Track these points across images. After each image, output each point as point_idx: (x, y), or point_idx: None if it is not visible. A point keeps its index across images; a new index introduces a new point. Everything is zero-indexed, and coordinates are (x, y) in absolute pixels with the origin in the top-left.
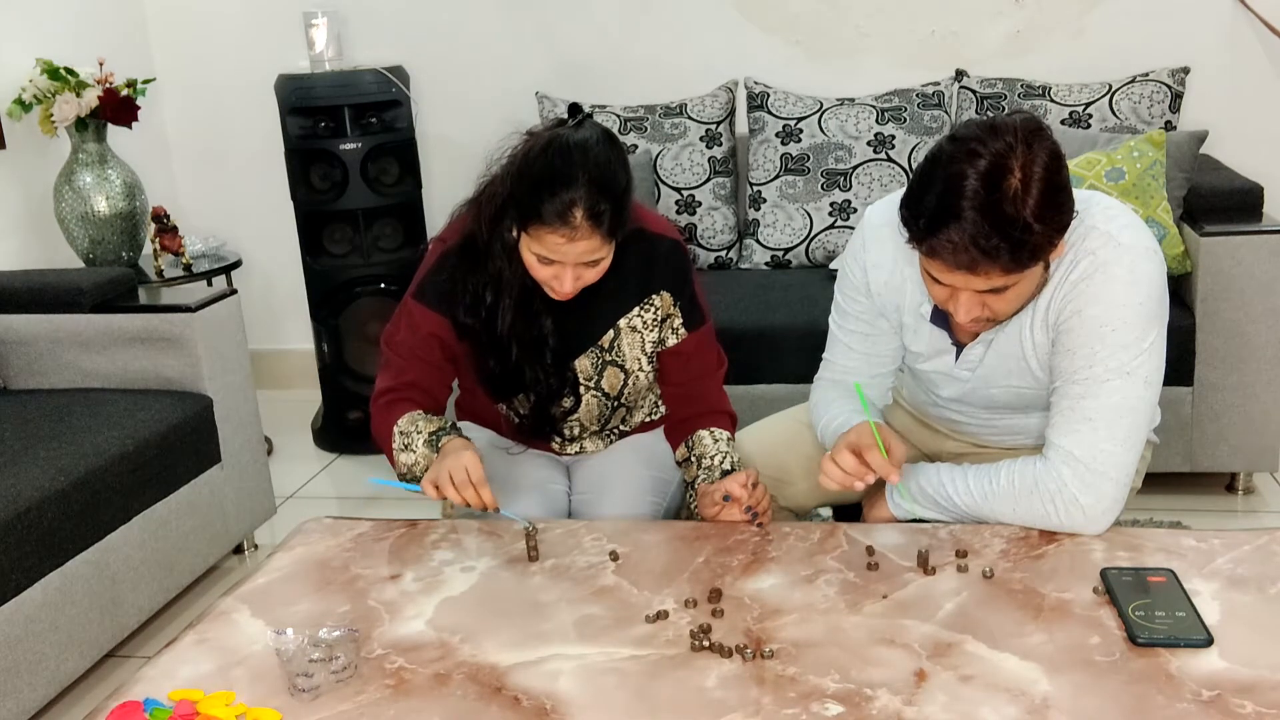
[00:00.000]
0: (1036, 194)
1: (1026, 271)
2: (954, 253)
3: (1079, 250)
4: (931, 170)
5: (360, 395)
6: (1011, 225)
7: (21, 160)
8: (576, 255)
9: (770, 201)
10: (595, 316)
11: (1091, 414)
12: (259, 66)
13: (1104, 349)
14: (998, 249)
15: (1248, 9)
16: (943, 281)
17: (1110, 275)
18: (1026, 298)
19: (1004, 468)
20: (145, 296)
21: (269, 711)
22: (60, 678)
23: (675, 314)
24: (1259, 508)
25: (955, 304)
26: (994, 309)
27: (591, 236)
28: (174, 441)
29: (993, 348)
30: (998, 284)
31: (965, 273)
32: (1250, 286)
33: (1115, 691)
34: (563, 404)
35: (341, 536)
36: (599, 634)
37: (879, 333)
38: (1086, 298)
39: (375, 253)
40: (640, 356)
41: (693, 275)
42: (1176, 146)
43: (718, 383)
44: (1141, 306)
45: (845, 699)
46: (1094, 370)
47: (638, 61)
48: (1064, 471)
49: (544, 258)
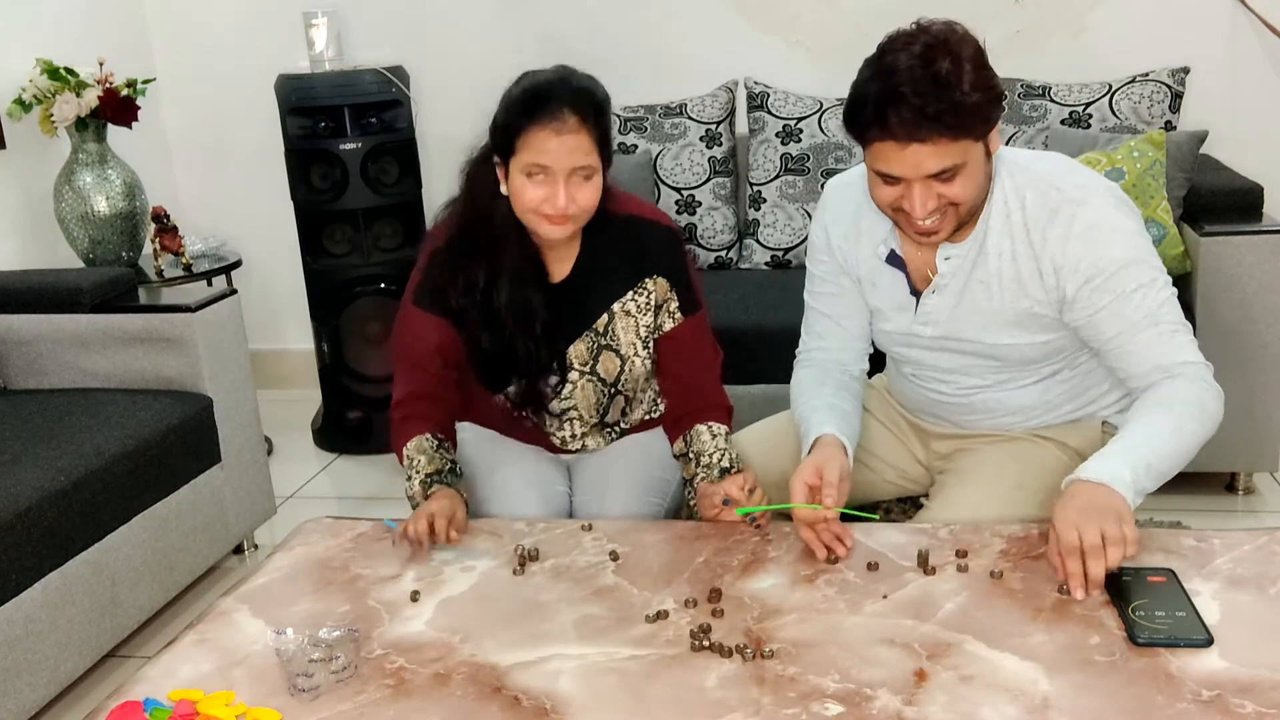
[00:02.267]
0: (970, 70)
1: (971, 149)
2: (901, 125)
3: (1052, 200)
4: (867, 70)
5: (361, 395)
6: (950, 90)
7: (21, 160)
8: (569, 155)
9: (770, 201)
10: (588, 300)
11: (1175, 326)
12: (259, 66)
13: (1144, 274)
14: (940, 114)
15: (1248, 9)
16: (894, 174)
17: (1110, 215)
18: (976, 191)
19: (1153, 414)
20: (145, 296)
21: (269, 711)
22: (60, 678)
23: (671, 298)
24: (1259, 508)
25: (910, 199)
26: (948, 195)
27: (579, 133)
28: (174, 441)
29: (963, 298)
30: (946, 161)
31: (916, 144)
32: (1250, 286)
33: (1115, 691)
34: (549, 379)
35: (341, 536)
36: (599, 634)
37: (844, 291)
38: (1104, 244)
39: (375, 253)
40: (635, 341)
41: (688, 263)
42: (1176, 146)
43: (715, 376)
44: (1140, 225)
45: (845, 699)
46: (1148, 298)
47: (637, 61)
48: (1196, 372)
49: (536, 170)
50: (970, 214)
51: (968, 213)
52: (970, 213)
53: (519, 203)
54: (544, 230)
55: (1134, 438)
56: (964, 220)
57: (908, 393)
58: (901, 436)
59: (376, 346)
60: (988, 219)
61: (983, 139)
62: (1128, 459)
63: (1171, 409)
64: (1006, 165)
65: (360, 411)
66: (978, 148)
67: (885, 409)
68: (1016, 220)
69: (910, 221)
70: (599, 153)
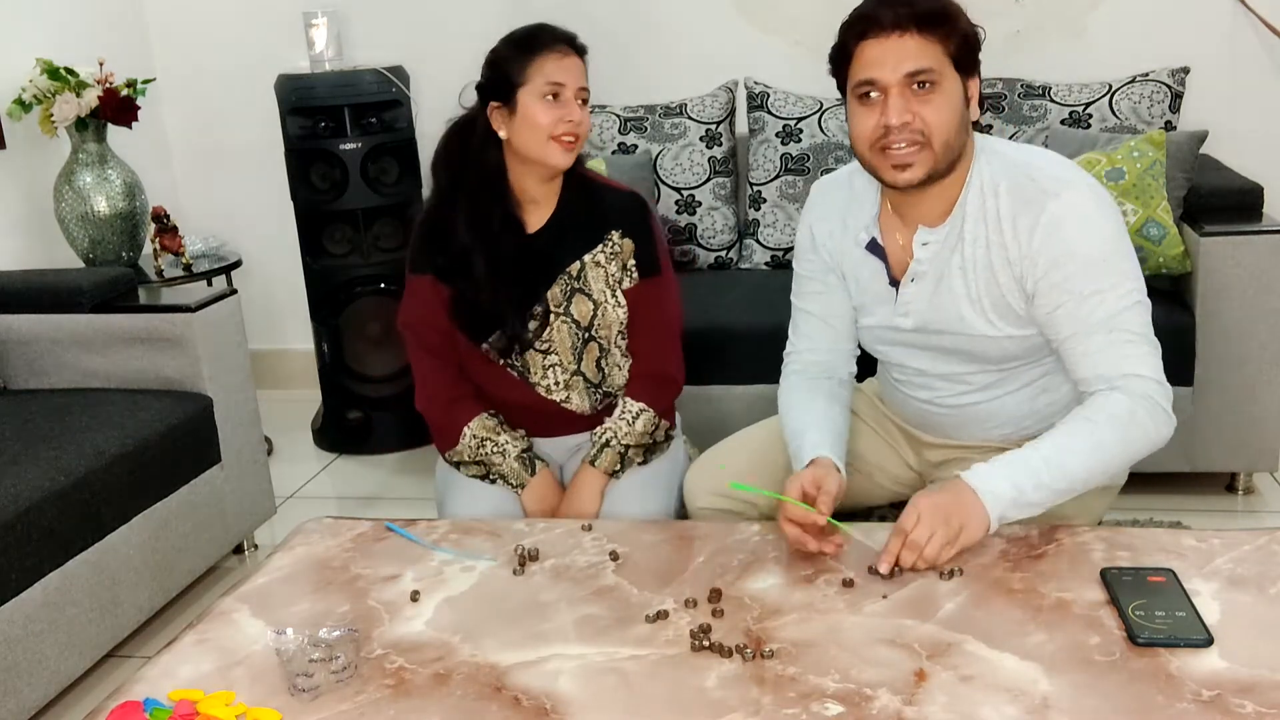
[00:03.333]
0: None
1: (949, 71)
2: (889, 15)
3: (1026, 190)
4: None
5: (361, 395)
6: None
7: (21, 160)
8: (575, 75)
9: (770, 201)
10: (561, 249)
11: (1130, 336)
12: (259, 66)
13: (1108, 278)
14: (926, 9)
15: (1248, 9)
16: (873, 78)
17: (1083, 212)
18: (951, 129)
19: (1075, 424)
20: (145, 296)
21: (269, 711)
22: (60, 678)
23: (633, 259)
24: (1259, 508)
25: (887, 111)
26: (923, 115)
27: (579, 59)
28: (174, 441)
29: (940, 286)
30: (924, 62)
31: (898, 34)
32: (1250, 286)
33: (1115, 691)
34: (529, 323)
35: (341, 536)
36: (599, 634)
37: (831, 289)
38: (1068, 240)
39: (375, 253)
40: (605, 289)
41: (654, 228)
42: (1176, 146)
43: (669, 343)
44: (1120, 229)
45: (845, 699)
46: (1107, 303)
47: (638, 61)
48: (1142, 388)
49: (552, 89)
50: (945, 161)
51: (943, 154)
52: (945, 158)
53: (535, 129)
54: (555, 156)
55: (1039, 452)
56: (938, 168)
57: (899, 403)
58: (892, 442)
59: (376, 346)
60: (964, 204)
61: (961, 75)
62: (1016, 476)
63: (1095, 426)
64: (987, 153)
65: (360, 411)
66: (956, 79)
67: (875, 414)
68: (990, 207)
69: (886, 154)
70: (586, 88)
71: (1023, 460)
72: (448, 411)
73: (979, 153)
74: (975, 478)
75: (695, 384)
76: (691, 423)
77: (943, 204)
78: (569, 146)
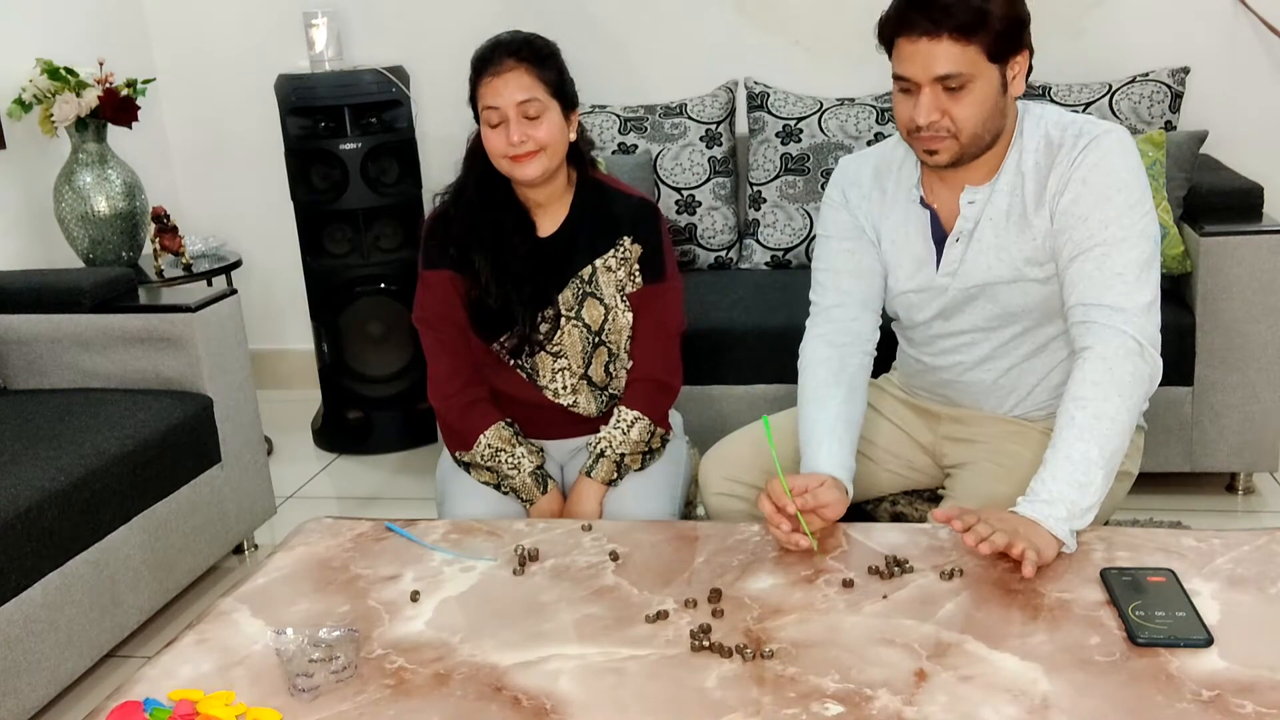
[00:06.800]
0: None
1: (983, 66)
2: (921, 19)
3: (1067, 135)
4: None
5: (361, 395)
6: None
7: (21, 160)
8: (510, 93)
9: (770, 201)
10: (574, 253)
11: (1120, 269)
12: (259, 66)
13: (1114, 210)
14: (956, 11)
15: (1248, 9)
16: (907, 75)
17: (1104, 146)
18: (981, 121)
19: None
20: (145, 296)
21: (269, 711)
22: (60, 678)
23: (638, 264)
24: (1259, 508)
25: (918, 107)
26: (951, 113)
27: (516, 71)
28: (174, 441)
29: (973, 240)
30: (953, 67)
31: (928, 39)
32: (1250, 286)
33: (1115, 691)
34: (540, 326)
35: (341, 536)
36: (599, 634)
37: (862, 249)
38: (1088, 166)
39: (375, 253)
40: (616, 295)
41: (663, 235)
42: (1176, 146)
43: (669, 348)
44: (1138, 170)
45: (845, 699)
46: (1110, 231)
47: (638, 61)
48: (1121, 321)
49: (490, 114)
50: (974, 148)
51: (971, 144)
52: (974, 146)
53: (490, 155)
54: (516, 173)
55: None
56: (966, 153)
57: (919, 375)
58: (904, 426)
59: (376, 346)
60: (1007, 163)
61: (998, 62)
62: (1061, 491)
63: (1087, 401)
64: (1034, 115)
65: (360, 411)
66: (991, 71)
67: (889, 402)
68: (1029, 160)
69: (918, 140)
70: (547, 91)
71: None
72: (464, 416)
73: (1023, 116)
74: (1030, 509)
75: (695, 384)
76: (691, 423)
77: (986, 167)
78: (524, 160)
